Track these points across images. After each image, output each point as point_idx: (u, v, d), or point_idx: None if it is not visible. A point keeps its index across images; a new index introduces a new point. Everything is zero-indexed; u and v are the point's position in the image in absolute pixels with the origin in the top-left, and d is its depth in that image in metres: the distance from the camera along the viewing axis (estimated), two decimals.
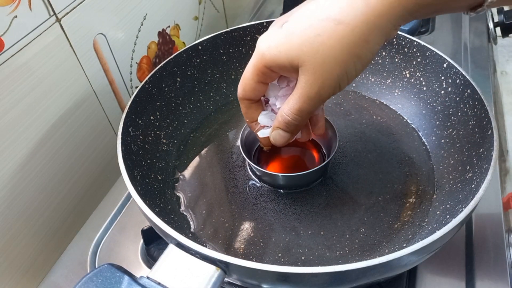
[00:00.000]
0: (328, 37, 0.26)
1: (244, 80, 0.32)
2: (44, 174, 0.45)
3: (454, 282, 0.38)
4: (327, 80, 0.28)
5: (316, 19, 0.27)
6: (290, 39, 0.28)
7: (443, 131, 0.43)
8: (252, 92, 0.32)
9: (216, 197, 0.42)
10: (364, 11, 0.26)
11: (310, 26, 0.27)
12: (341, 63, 0.27)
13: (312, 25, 0.27)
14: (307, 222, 0.39)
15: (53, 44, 0.42)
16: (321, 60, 0.27)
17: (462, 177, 0.37)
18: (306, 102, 0.29)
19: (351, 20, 0.26)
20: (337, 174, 0.42)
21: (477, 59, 0.61)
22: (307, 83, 0.28)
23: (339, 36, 0.26)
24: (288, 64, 0.28)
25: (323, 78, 0.28)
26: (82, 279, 0.28)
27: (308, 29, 0.27)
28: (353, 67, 0.28)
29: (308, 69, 0.28)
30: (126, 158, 0.37)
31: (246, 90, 0.32)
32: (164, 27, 0.60)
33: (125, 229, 0.45)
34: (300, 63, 0.28)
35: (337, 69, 0.27)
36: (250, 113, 0.35)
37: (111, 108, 0.53)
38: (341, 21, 0.26)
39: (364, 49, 0.27)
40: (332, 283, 0.29)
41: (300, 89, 0.29)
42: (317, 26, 0.27)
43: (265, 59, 0.29)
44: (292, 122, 0.31)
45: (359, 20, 0.26)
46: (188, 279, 0.28)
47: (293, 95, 0.30)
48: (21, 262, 0.45)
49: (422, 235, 0.36)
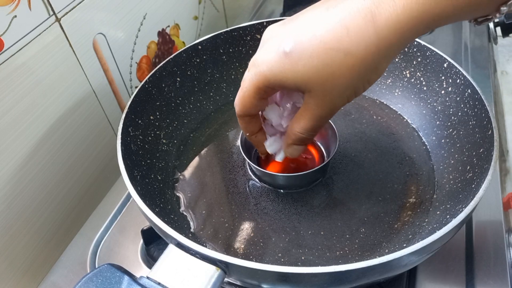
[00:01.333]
0: (337, 68, 0.26)
1: (243, 97, 0.31)
2: (44, 174, 0.45)
3: (454, 282, 0.38)
4: (337, 102, 0.28)
5: (323, 47, 0.26)
6: (295, 66, 0.27)
7: (443, 131, 0.43)
8: (253, 108, 0.32)
9: (216, 197, 0.42)
10: (375, 42, 0.25)
11: (317, 55, 0.26)
12: (351, 88, 0.27)
13: (319, 54, 0.26)
14: (307, 222, 0.39)
15: (52, 44, 0.42)
16: (330, 87, 0.27)
17: (462, 177, 0.37)
18: (318, 121, 0.30)
19: (362, 52, 0.25)
20: (337, 174, 0.42)
21: (478, 59, 0.61)
22: (318, 106, 0.28)
23: (349, 67, 0.26)
24: (294, 88, 0.28)
25: (333, 101, 0.28)
26: (82, 279, 0.28)
27: (315, 58, 0.26)
28: (362, 88, 0.28)
29: (318, 95, 0.28)
30: (126, 158, 0.37)
31: (246, 107, 0.32)
32: (164, 27, 0.59)
33: (125, 229, 0.45)
34: (308, 89, 0.27)
35: (347, 93, 0.28)
36: (250, 127, 0.35)
37: (110, 108, 0.53)
38: (351, 53, 0.25)
39: (374, 74, 0.27)
40: (332, 283, 0.29)
41: (311, 110, 0.29)
42: (325, 56, 0.26)
43: (268, 80, 0.28)
44: (307, 138, 0.32)
45: (370, 52, 0.25)
46: (188, 279, 0.28)
47: (303, 115, 0.30)
48: (21, 262, 0.45)
49: (422, 235, 0.36)
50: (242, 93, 0.31)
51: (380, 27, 0.24)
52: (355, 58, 0.25)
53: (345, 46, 0.25)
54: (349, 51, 0.25)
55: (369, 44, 0.25)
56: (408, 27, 0.24)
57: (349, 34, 0.25)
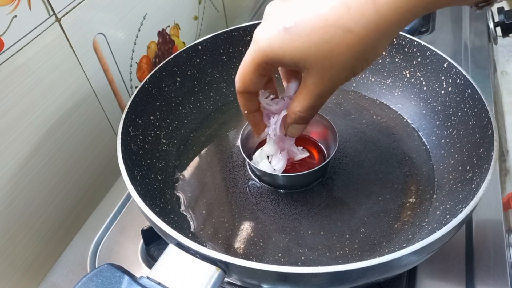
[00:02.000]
0: (336, 45, 0.26)
1: (243, 74, 0.31)
2: (44, 174, 0.45)
3: (454, 282, 0.38)
4: (336, 81, 0.28)
5: (322, 23, 0.26)
6: (295, 42, 0.27)
7: (443, 131, 0.43)
8: (252, 85, 0.32)
9: (216, 197, 0.42)
10: (375, 19, 0.25)
11: (316, 31, 0.26)
12: (349, 67, 0.27)
13: (318, 30, 0.26)
14: (307, 222, 0.39)
15: (52, 44, 0.42)
16: (329, 64, 0.27)
17: (462, 177, 0.37)
18: (317, 100, 0.30)
19: (361, 29, 0.25)
20: (337, 174, 0.42)
21: (478, 59, 0.61)
22: (316, 84, 0.28)
23: (348, 45, 0.26)
24: (293, 64, 0.28)
25: (331, 79, 0.28)
26: (82, 279, 0.28)
27: (315, 34, 0.26)
28: (360, 68, 0.28)
29: (316, 72, 0.28)
30: (126, 158, 0.37)
31: (245, 83, 0.32)
32: (164, 27, 0.59)
33: (125, 229, 0.45)
34: (306, 66, 0.28)
35: (345, 72, 0.28)
36: (249, 105, 0.34)
37: (111, 108, 0.53)
38: (351, 30, 0.25)
39: (372, 54, 0.27)
40: (332, 283, 0.29)
41: (310, 88, 0.29)
42: (324, 32, 0.26)
43: (267, 56, 0.28)
44: (306, 117, 0.32)
45: (370, 29, 0.25)
46: (188, 279, 0.28)
47: (302, 94, 0.30)
48: (21, 262, 0.45)
49: (422, 235, 0.36)
50: (242, 69, 0.31)
51: (380, 5, 0.24)
52: (355, 36, 0.25)
53: (345, 23, 0.25)
54: (349, 28, 0.25)
55: (369, 22, 0.25)
56: (407, 6, 0.24)
57: (349, 11, 0.25)
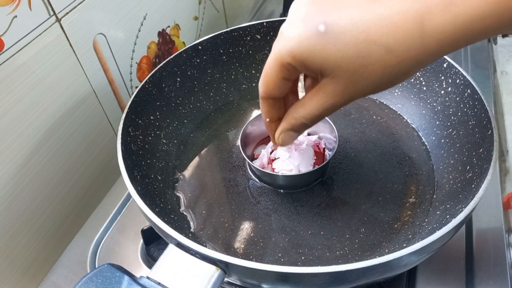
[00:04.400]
0: (372, 63, 0.25)
1: (266, 77, 0.29)
2: (44, 174, 0.45)
3: (454, 282, 0.38)
4: (356, 95, 0.27)
5: (363, 38, 0.24)
6: (327, 49, 0.25)
7: (443, 131, 0.43)
8: (277, 89, 0.30)
9: (216, 197, 0.42)
10: (418, 47, 0.24)
11: (355, 44, 0.24)
12: (375, 85, 0.26)
13: (357, 43, 0.24)
14: (307, 222, 0.39)
15: (53, 44, 0.42)
16: (357, 79, 0.26)
17: (462, 177, 0.37)
18: (327, 110, 0.28)
19: (402, 52, 0.24)
20: (337, 174, 0.42)
21: (477, 59, 0.61)
22: (335, 93, 0.27)
23: (385, 65, 0.25)
24: (318, 71, 0.26)
25: (353, 93, 0.27)
26: (82, 279, 0.28)
27: (352, 46, 0.25)
28: (383, 88, 0.27)
29: (340, 83, 0.26)
30: (126, 158, 0.37)
31: (269, 87, 0.29)
32: (164, 27, 0.59)
33: (125, 229, 0.45)
34: (332, 74, 0.26)
35: (369, 89, 0.26)
36: (272, 112, 0.32)
37: (111, 108, 0.53)
38: (393, 51, 0.24)
39: (402, 78, 0.26)
40: (332, 283, 0.29)
41: (326, 95, 0.27)
42: (363, 48, 0.24)
43: (293, 57, 0.26)
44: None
45: (410, 56, 0.24)
46: (188, 279, 0.28)
47: (314, 100, 0.28)
48: (21, 262, 0.45)
49: (422, 235, 0.36)
50: (265, 72, 0.29)
51: (427, 33, 0.24)
52: (395, 57, 0.24)
53: (389, 42, 0.24)
54: (391, 48, 0.24)
55: (412, 48, 0.24)
56: (450, 39, 0.24)
57: (396, 31, 0.24)
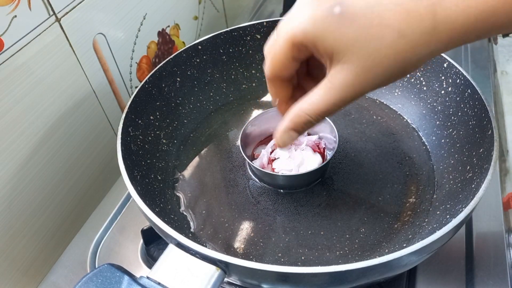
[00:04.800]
0: (386, 46, 0.24)
1: (274, 56, 0.28)
2: (44, 174, 0.45)
3: (454, 282, 0.38)
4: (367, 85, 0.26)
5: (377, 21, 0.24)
6: (342, 30, 0.24)
7: (443, 131, 0.43)
8: (284, 69, 0.28)
9: (216, 197, 0.42)
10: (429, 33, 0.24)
11: (369, 26, 0.24)
12: (386, 75, 0.25)
13: (372, 26, 0.24)
14: (307, 222, 0.39)
15: (52, 44, 0.42)
16: (368, 66, 0.25)
17: (462, 177, 0.37)
18: (336, 105, 0.26)
19: (415, 38, 0.24)
20: (337, 174, 0.42)
21: (478, 59, 0.61)
22: (345, 84, 0.26)
23: (398, 49, 0.24)
24: (329, 53, 0.25)
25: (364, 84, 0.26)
26: (82, 279, 0.28)
27: (366, 28, 0.24)
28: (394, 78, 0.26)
29: (351, 71, 0.25)
30: (126, 158, 0.37)
31: (276, 67, 0.28)
32: (164, 27, 0.59)
33: (125, 229, 0.45)
34: (344, 59, 0.25)
35: (380, 78, 0.26)
36: (281, 92, 0.31)
37: (111, 108, 0.53)
38: (405, 36, 0.24)
39: (413, 66, 0.26)
40: (332, 283, 0.29)
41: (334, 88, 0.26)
42: (378, 30, 0.24)
43: (305, 36, 0.25)
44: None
45: (421, 42, 0.24)
46: (188, 279, 0.28)
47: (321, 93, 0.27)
48: (21, 262, 0.45)
49: (422, 235, 0.36)
50: (274, 50, 0.28)
51: (438, 22, 0.24)
52: (407, 42, 0.24)
53: (402, 27, 0.24)
54: (404, 32, 0.24)
55: (424, 34, 0.24)
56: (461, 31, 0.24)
57: (408, 16, 0.24)
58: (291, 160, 0.40)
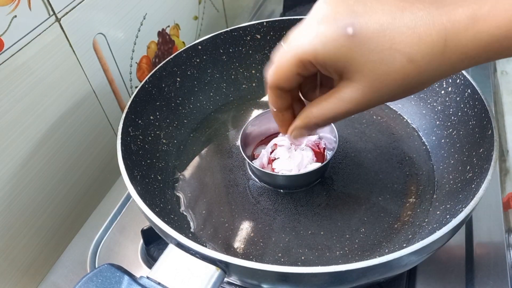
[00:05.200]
0: (394, 71, 0.25)
1: (280, 68, 0.28)
2: (44, 174, 0.45)
3: (454, 282, 0.38)
4: (373, 103, 0.27)
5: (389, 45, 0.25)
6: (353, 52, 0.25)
7: (443, 131, 0.43)
8: (287, 82, 0.29)
9: (216, 197, 0.42)
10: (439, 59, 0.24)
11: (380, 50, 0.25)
12: (393, 94, 0.26)
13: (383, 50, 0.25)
14: (307, 222, 0.39)
15: (52, 44, 0.42)
16: (378, 86, 0.26)
17: (462, 177, 0.37)
18: (341, 115, 0.28)
19: (424, 64, 0.25)
20: (337, 174, 0.42)
21: None
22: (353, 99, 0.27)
23: (406, 74, 0.25)
24: (339, 72, 0.27)
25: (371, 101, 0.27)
26: (82, 279, 0.28)
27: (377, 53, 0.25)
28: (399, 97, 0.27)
29: (359, 89, 0.26)
30: (126, 158, 0.37)
31: (280, 79, 0.29)
32: (164, 27, 0.59)
33: (125, 229, 0.45)
34: (353, 78, 0.26)
35: (386, 97, 0.27)
36: (279, 102, 0.32)
37: (110, 108, 0.53)
38: (415, 61, 0.25)
39: (419, 89, 0.27)
40: (332, 283, 0.29)
41: (341, 101, 0.27)
42: (388, 55, 0.25)
43: (315, 56, 0.26)
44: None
45: (431, 68, 0.25)
46: (188, 279, 0.28)
47: (329, 102, 0.28)
48: (21, 262, 0.45)
49: (422, 235, 0.36)
50: (280, 63, 0.28)
51: (449, 47, 0.24)
52: (416, 68, 0.25)
53: (413, 53, 0.24)
54: (414, 58, 0.24)
55: (434, 60, 0.24)
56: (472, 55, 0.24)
57: (420, 42, 0.24)
58: (291, 160, 0.40)
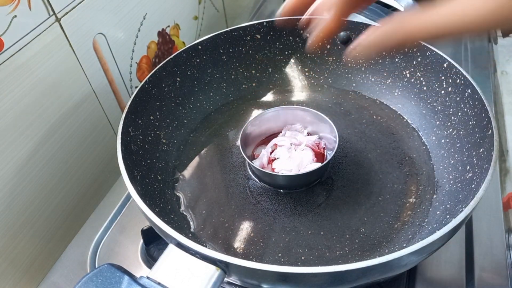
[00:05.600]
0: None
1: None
2: (44, 174, 0.45)
3: (454, 282, 0.38)
4: (466, 22, 0.22)
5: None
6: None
7: (443, 131, 0.43)
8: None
9: (216, 197, 0.42)
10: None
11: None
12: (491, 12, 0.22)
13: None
14: (307, 222, 0.39)
15: (52, 44, 0.42)
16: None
17: (462, 177, 0.37)
18: (423, 35, 0.23)
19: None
20: (337, 174, 0.42)
21: (478, 59, 0.61)
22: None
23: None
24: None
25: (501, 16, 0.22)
26: (82, 279, 0.28)
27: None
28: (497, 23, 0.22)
29: None
30: (126, 158, 0.37)
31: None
32: (164, 27, 0.59)
33: (125, 229, 0.45)
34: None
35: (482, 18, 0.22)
36: None
37: (110, 108, 0.53)
38: None
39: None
40: (332, 283, 0.29)
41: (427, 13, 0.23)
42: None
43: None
44: (383, 48, 0.25)
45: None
46: (188, 279, 0.28)
47: (444, 13, 0.23)
48: (21, 262, 0.45)
49: (422, 235, 0.36)
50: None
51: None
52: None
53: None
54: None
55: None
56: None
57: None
58: (291, 160, 0.40)
